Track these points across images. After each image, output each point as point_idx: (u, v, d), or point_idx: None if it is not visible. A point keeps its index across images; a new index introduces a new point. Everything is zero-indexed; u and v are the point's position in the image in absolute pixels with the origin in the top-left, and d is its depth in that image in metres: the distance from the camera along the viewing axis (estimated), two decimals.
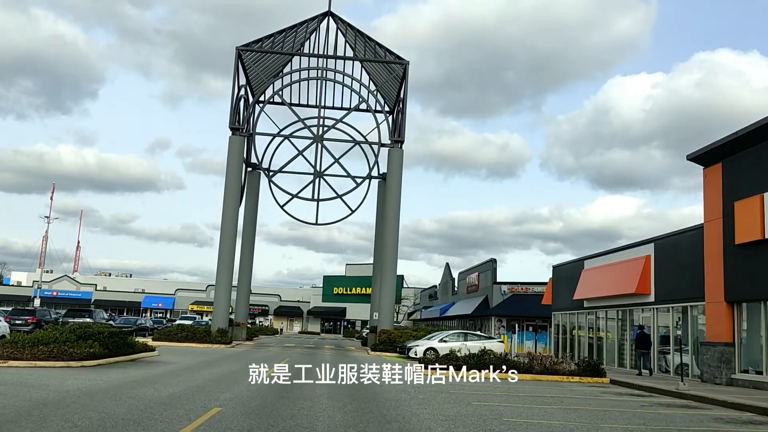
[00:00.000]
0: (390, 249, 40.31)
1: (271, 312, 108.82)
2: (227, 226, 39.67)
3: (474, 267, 59.79)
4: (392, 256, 40.20)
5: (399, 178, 41.24)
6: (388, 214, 40.78)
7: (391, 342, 37.42)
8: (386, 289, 40.08)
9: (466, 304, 58.75)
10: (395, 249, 40.50)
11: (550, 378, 21.46)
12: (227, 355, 28.98)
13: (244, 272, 48.28)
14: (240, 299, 48.26)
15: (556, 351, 37.16)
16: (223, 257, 39.31)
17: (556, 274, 37.78)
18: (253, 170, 49.36)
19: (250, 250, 48.64)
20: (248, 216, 48.84)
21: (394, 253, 40.40)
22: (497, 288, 51.73)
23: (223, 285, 39.18)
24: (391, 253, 40.22)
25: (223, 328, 37.96)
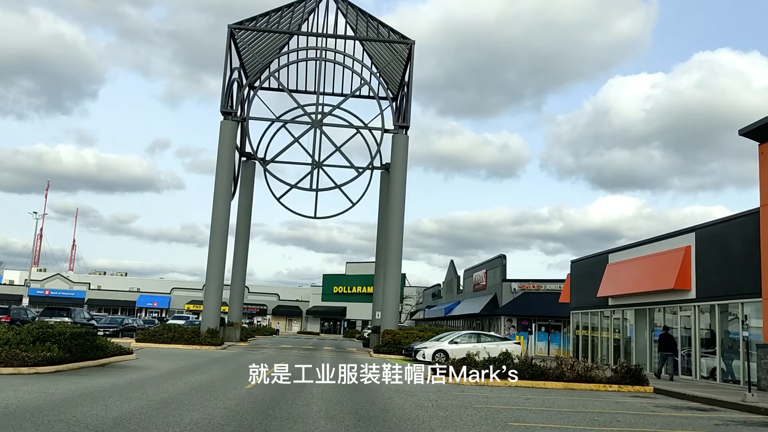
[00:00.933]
0: (394, 243, 37.36)
1: (269, 311, 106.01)
2: (218, 218, 36.71)
3: (481, 264, 56.81)
4: (396, 250, 37.26)
5: (404, 166, 38.26)
6: (393, 205, 37.82)
7: (395, 343, 34.45)
8: (390, 286, 37.12)
9: (472, 303, 55.78)
10: (400, 243, 37.56)
11: (584, 386, 18.48)
12: (214, 359, 26.00)
13: (237, 269, 45.32)
14: (234, 298, 45.30)
15: (575, 353, 34.20)
16: (214, 252, 36.35)
17: (575, 270, 34.79)
18: (248, 160, 46.40)
19: (244, 246, 45.68)
20: (242, 209, 45.89)
21: (399, 247, 37.46)
22: (507, 286, 48.74)
23: (214, 282, 36.22)
24: (396, 247, 37.28)
25: (213, 329, 34.99)
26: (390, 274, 37.19)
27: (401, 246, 37.60)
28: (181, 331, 33.98)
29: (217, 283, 36.37)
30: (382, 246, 45.24)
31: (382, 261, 45.09)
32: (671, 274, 23.50)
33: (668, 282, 23.60)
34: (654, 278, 25.03)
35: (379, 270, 45.67)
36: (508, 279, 49.27)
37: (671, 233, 25.30)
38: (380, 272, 45.58)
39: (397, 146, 38.48)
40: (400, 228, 37.65)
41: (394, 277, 37.12)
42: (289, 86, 44.39)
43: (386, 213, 45.15)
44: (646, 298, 26.09)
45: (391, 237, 37.56)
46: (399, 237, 37.53)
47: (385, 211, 45.66)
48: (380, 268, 45.54)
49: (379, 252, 45.79)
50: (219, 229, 36.66)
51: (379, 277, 45.61)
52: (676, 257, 23.72)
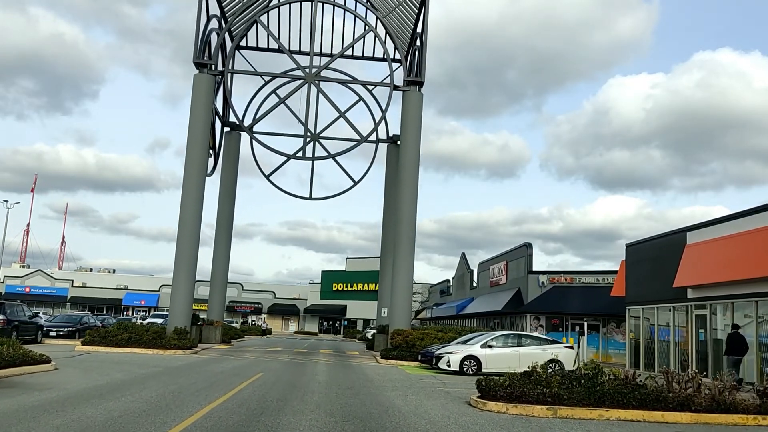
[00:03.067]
0: (406, 225, 30.56)
1: (264, 310, 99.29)
2: (191, 192, 29.93)
3: (500, 255, 49.98)
4: (408, 234, 30.49)
5: (417, 130, 31.47)
6: (404, 178, 31.02)
7: (408, 346, 27.68)
8: (401, 277, 30.30)
9: (491, 300, 48.96)
10: (412, 225, 30.76)
11: (726, 420, 11.71)
12: (169, 369, 19.21)
13: (219, 259, 38.55)
14: (214, 293, 38.50)
15: (633, 360, 27.41)
16: (184, 234, 29.57)
17: (633, 255, 27.94)
18: (232, 131, 39.62)
19: (227, 233, 38.87)
20: (225, 190, 39.11)
21: (411, 230, 30.66)
22: (533, 279, 41.93)
23: (184, 271, 29.43)
24: (407, 230, 30.49)
25: (181, 329, 28.21)
26: (401, 263, 30.37)
27: (414, 228, 30.82)
28: (140, 332, 27.16)
29: (188, 273, 29.56)
30: (390, 231, 38.43)
31: (390, 248, 38.30)
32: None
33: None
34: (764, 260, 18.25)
35: (386, 259, 38.89)
36: (535, 271, 42.45)
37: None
38: (387, 262, 38.79)
39: (409, 106, 31.64)
40: (413, 206, 30.86)
41: (405, 266, 30.32)
42: (279, 41, 37.54)
43: (394, 191, 38.40)
44: (750, 287, 19.31)
45: (402, 217, 30.76)
46: (411, 217, 30.76)
47: (393, 189, 38.90)
48: (387, 256, 38.74)
49: (386, 239, 39.00)
50: (191, 206, 29.90)
51: (386, 268, 38.81)
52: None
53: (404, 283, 30.09)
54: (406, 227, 30.47)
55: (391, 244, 38.60)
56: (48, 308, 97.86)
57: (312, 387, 15.90)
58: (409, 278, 30.26)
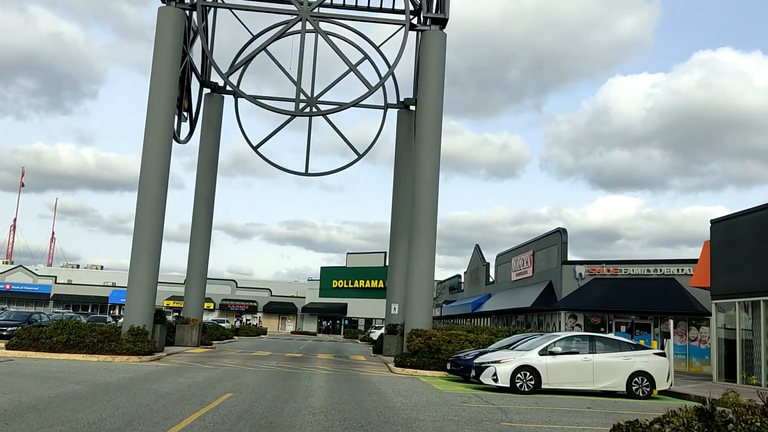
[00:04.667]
0: (426, 198, 24.34)
1: (260, 309, 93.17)
2: (153, 153, 23.74)
3: (525, 244, 43.75)
4: (429, 210, 24.27)
5: (440, 80, 25.25)
6: (424, 142, 24.76)
7: (431, 351, 21.46)
8: (421, 264, 24.00)
9: (513, 296, 42.78)
10: (434, 198, 24.56)
11: None
12: (91, 390, 12.95)
13: (197, 246, 32.34)
14: (192, 286, 32.26)
15: (725, 369, 21.18)
16: (145, 205, 23.34)
17: (724, 234, 21.65)
18: (213, 93, 33.41)
19: (206, 214, 32.64)
20: (205, 161, 32.87)
21: (433, 204, 24.45)
22: (568, 270, 35.74)
23: (144, 259, 23.13)
24: (428, 204, 24.28)
25: (139, 328, 21.98)
26: (420, 247, 24.08)
27: (436, 204, 24.59)
28: (82, 333, 20.93)
29: (149, 259, 23.24)
30: (402, 212, 32.26)
31: (401, 233, 32.13)
32: None
33: None
34: None
35: (396, 247, 32.69)
36: (570, 261, 36.26)
37: None
38: (398, 249, 32.63)
39: (429, 49, 25.37)
40: (434, 176, 24.66)
41: (425, 251, 24.03)
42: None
43: (406, 163, 32.24)
44: None
45: (422, 190, 24.50)
46: (432, 190, 24.54)
47: (405, 162, 32.73)
48: (398, 243, 32.57)
49: (397, 221, 32.81)
50: (154, 173, 23.70)
51: (397, 257, 32.65)
52: None
53: (425, 271, 23.81)
54: (426, 202, 24.24)
55: (402, 227, 32.43)
56: (29, 306, 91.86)
57: (301, 424, 9.73)
58: (430, 265, 23.99)
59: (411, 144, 33.12)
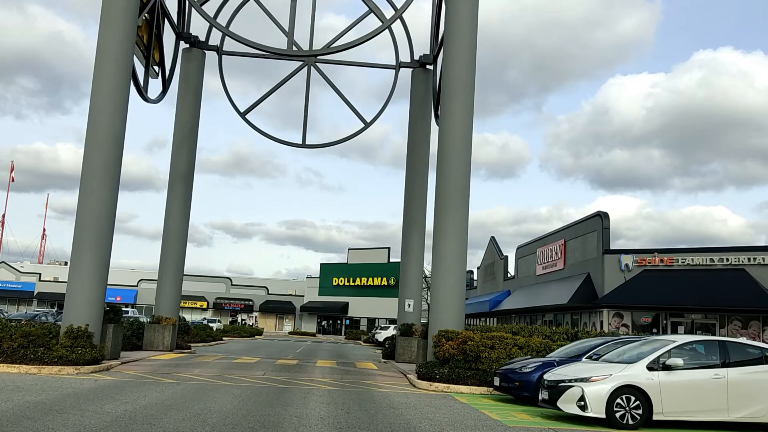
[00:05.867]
0: (457, 161, 18.89)
1: (256, 308, 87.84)
2: (105, 98, 18.48)
3: (553, 232, 38.40)
4: (462, 174, 18.83)
5: (473, 20, 19.99)
6: (455, 89, 19.27)
7: (467, 360, 16.08)
8: (451, 247, 18.49)
9: (541, 292, 37.45)
10: (467, 161, 19.13)
11: None
12: None
13: (172, 236, 26.98)
14: (165, 278, 26.90)
15: None
16: (90, 171, 17.99)
17: None
18: (192, 49, 28.10)
19: (183, 189, 27.29)
20: (182, 127, 27.53)
21: (466, 168, 19.01)
22: (612, 261, 30.44)
23: (89, 239, 17.71)
24: (460, 168, 18.86)
25: (81, 329, 16.62)
26: (450, 226, 18.58)
27: (469, 166, 19.18)
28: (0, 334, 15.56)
29: (96, 238, 17.79)
30: (416, 188, 26.97)
31: (416, 215, 26.87)
32: None
33: None
34: None
35: (410, 233, 27.37)
36: (614, 250, 30.94)
37: None
38: (412, 235, 27.34)
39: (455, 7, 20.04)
40: (467, 134, 19.22)
41: (456, 227, 18.58)
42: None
43: (422, 130, 26.96)
44: None
45: (450, 152, 19.04)
46: (465, 149, 19.12)
47: (420, 129, 27.46)
48: (412, 228, 27.28)
49: (411, 199, 27.47)
50: (105, 121, 18.38)
51: (410, 242, 27.36)
52: None
53: (455, 254, 18.38)
54: (456, 166, 18.82)
55: (417, 208, 27.13)
56: (12, 305, 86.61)
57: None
58: (461, 247, 18.55)
59: (428, 108, 27.89)
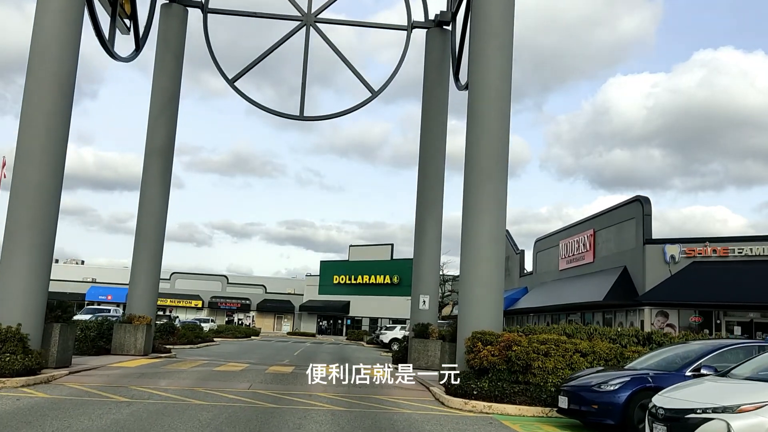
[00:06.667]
0: (492, 118, 15.03)
1: (253, 307, 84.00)
2: (48, 37, 14.58)
3: (580, 222, 34.51)
4: (499, 133, 14.96)
5: None
6: (491, 26, 15.42)
7: (512, 370, 12.22)
8: (484, 224, 14.59)
9: (566, 288, 33.59)
10: (504, 130, 15.27)
11: None
12: None
13: (148, 220, 23.18)
14: (139, 272, 23.06)
15: None
16: (30, 129, 14.16)
17: None
18: (171, 4, 24.24)
19: (161, 174, 23.43)
20: (160, 99, 23.63)
21: (504, 125, 15.15)
22: (654, 252, 26.60)
23: (27, 213, 13.89)
24: (498, 125, 15.00)
25: (12, 330, 12.84)
26: (482, 194, 14.68)
27: (508, 123, 15.33)
28: None
29: (33, 210, 13.96)
30: (431, 167, 23.14)
31: (432, 194, 23.07)
32: None
33: None
34: None
35: (425, 212, 23.52)
36: (658, 239, 27.08)
37: None
38: (426, 216, 23.48)
39: None
40: (506, 84, 15.37)
41: (492, 199, 14.66)
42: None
43: (437, 97, 23.19)
44: None
45: (484, 106, 15.16)
46: (503, 103, 15.26)
47: (437, 96, 23.66)
48: (428, 207, 23.43)
49: (425, 179, 23.61)
50: (48, 64, 14.48)
51: (425, 228, 23.52)
52: None
53: (491, 234, 14.44)
54: (492, 124, 14.96)
55: (433, 188, 23.33)
56: None
57: None
58: (499, 225, 14.63)
59: (445, 73, 24.15)
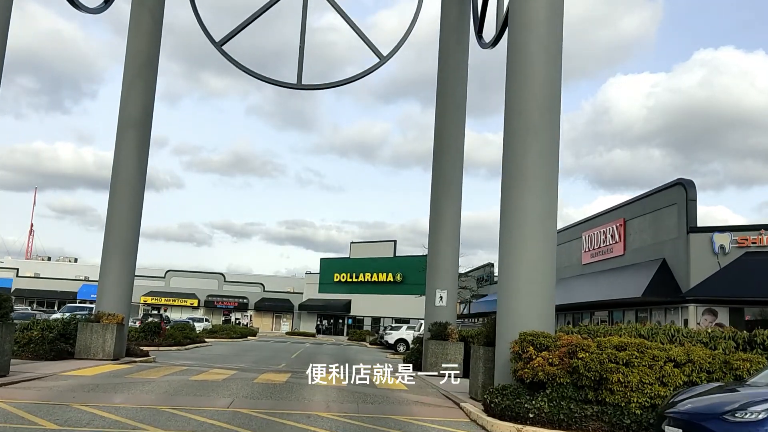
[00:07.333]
0: (542, 77, 11.91)
1: (251, 306, 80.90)
2: None
3: (607, 211, 31.30)
4: (549, 77, 11.88)
5: None
6: None
7: (579, 385, 9.08)
8: (533, 197, 11.50)
9: (591, 284, 30.41)
10: (556, 77, 12.14)
11: None
12: None
13: (121, 202, 19.90)
14: (110, 266, 19.63)
15: None
16: None
17: None
18: None
19: (136, 153, 20.19)
20: (135, 62, 20.52)
21: (554, 88, 12.04)
22: (700, 242, 23.44)
23: None
24: (548, 66, 11.90)
25: None
26: (531, 159, 11.51)
27: (560, 71, 12.17)
28: None
29: None
30: (448, 133, 20.00)
31: (451, 167, 19.94)
32: None
33: None
34: None
35: (441, 192, 20.35)
36: (704, 227, 23.91)
37: None
38: (441, 197, 20.32)
39: None
40: (558, 15, 12.26)
41: (543, 165, 11.52)
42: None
43: (455, 63, 20.07)
44: None
45: (531, 51, 12.06)
46: (555, 45, 12.13)
47: (454, 62, 20.56)
48: (443, 187, 20.27)
49: (441, 152, 20.42)
50: None
51: (441, 210, 20.34)
52: None
53: (542, 208, 11.30)
54: (540, 78, 11.83)
55: (451, 162, 20.18)
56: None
57: None
58: (552, 195, 11.48)
59: (463, 33, 21.27)
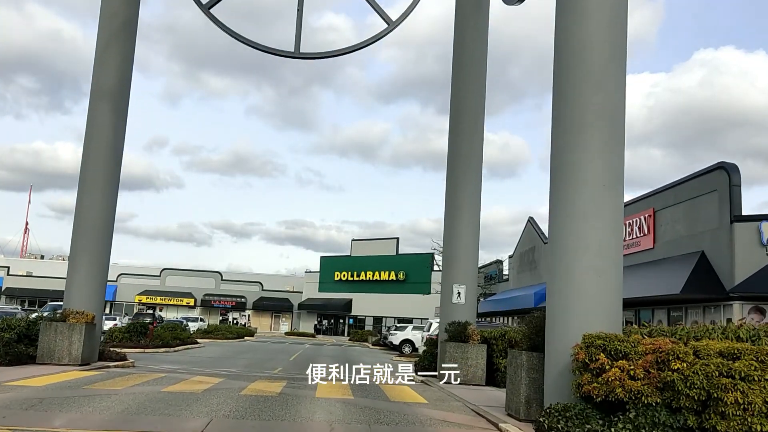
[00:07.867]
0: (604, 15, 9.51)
1: (249, 305, 78.65)
2: None
3: (636, 200, 28.74)
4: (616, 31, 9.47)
5: None
6: None
7: (674, 407, 6.63)
8: (590, 164, 9.12)
9: None
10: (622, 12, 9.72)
11: None
12: None
13: (93, 184, 17.42)
14: (79, 261, 17.08)
15: None
16: None
17: None
18: None
19: (114, 122, 17.84)
20: (109, 26, 18.06)
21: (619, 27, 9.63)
22: (745, 232, 20.98)
23: None
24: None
25: None
26: (589, 115, 9.17)
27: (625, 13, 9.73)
28: None
29: None
30: (466, 105, 17.55)
31: (469, 146, 17.50)
32: None
33: None
34: None
35: (459, 179, 17.88)
36: (750, 216, 21.45)
37: None
38: (459, 185, 17.86)
39: None
40: None
41: (605, 127, 9.13)
42: None
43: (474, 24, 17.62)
44: None
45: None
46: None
47: (474, 23, 18.09)
48: (460, 171, 17.80)
49: (459, 128, 17.93)
50: None
51: (458, 193, 17.89)
52: None
53: (605, 174, 8.96)
54: (601, 15, 9.41)
55: (469, 138, 17.73)
56: None
57: None
58: (617, 162, 9.14)
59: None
